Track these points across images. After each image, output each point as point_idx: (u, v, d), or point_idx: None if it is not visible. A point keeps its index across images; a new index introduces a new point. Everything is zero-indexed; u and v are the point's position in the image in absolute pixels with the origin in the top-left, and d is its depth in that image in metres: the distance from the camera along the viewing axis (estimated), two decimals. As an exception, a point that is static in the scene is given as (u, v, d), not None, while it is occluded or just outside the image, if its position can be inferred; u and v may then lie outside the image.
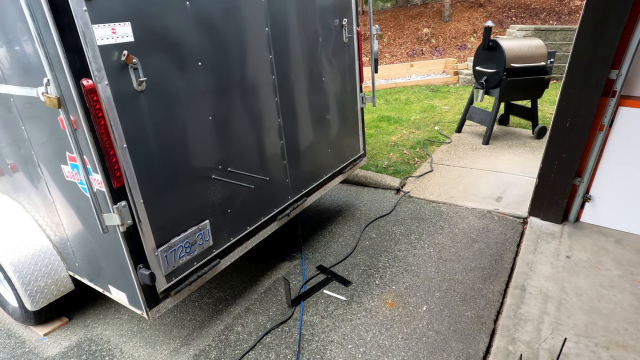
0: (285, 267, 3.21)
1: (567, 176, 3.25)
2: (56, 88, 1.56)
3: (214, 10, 2.11)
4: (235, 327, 2.64)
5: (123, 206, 1.81)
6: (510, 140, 5.43)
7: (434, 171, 4.67)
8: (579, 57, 2.89)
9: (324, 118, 3.17)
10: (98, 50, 1.62)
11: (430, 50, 11.22)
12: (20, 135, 2.11)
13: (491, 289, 2.79)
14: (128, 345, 2.58)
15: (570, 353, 2.21)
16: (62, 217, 2.28)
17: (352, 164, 3.61)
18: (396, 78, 9.85)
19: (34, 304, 2.51)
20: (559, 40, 8.56)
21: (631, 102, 2.92)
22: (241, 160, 2.45)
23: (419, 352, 2.35)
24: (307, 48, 2.85)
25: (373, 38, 3.34)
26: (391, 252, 3.28)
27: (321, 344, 2.46)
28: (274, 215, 2.83)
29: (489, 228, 3.49)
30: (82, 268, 2.42)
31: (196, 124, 2.13)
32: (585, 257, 2.98)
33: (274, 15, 2.50)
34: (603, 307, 2.52)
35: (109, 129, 1.71)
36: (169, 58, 1.92)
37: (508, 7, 11.83)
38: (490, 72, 5.11)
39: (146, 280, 1.96)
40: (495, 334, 2.40)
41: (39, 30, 1.48)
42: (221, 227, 2.40)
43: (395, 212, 3.88)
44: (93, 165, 1.74)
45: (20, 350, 2.60)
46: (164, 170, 2.00)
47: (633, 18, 2.67)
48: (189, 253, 2.22)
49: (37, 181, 2.25)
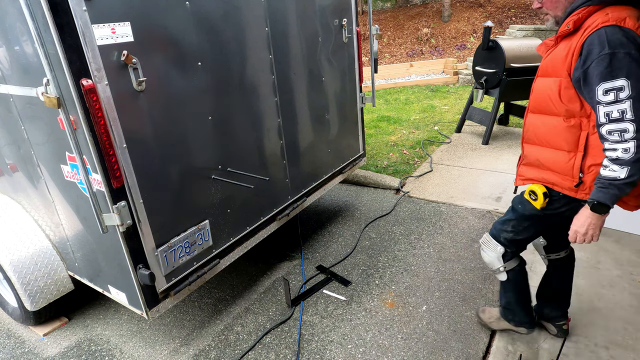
0: (285, 267, 3.21)
1: (567, 176, 3.24)
2: (56, 88, 1.56)
3: (213, 10, 2.10)
4: (234, 327, 2.64)
5: (123, 206, 1.81)
6: (510, 140, 5.43)
7: (433, 171, 4.67)
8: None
9: (324, 118, 3.17)
10: (98, 50, 1.62)
11: (430, 50, 11.22)
12: (19, 135, 2.11)
13: (491, 289, 2.79)
14: (128, 345, 2.57)
15: (569, 353, 2.22)
16: (61, 217, 2.28)
17: (351, 164, 3.61)
18: (396, 78, 9.85)
19: (33, 304, 2.50)
20: (558, 40, 8.56)
21: (631, 102, 2.92)
22: (241, 160, 2.45)
23: (418, 352, 2.35)
24: (306, 48, 2.85)
25: (373, 38, 3.34)
26: (391, 252, 3.28)
27: (321, 344, 2.46)
28: (274, 215, 2.83)
29: (489, 228, 3.49)
30: (82, 268, 2.42)
31: (196, 124, 2.13)
32: (584, 256, 2.98)
33: (273, 15, 2.50)
34: (602, 306, 2.52)
35: (109, 129, 1.71)
36: (169, 58, 1.92)
37: (508, 7, 11.84)
38: (490, 72, 5.11)
39: (146, 280, 1.95)
40: (495, 334, 2.40)
41: (38, 30, 1.48)
42: (221, 227, 2.40)
43: (395, 212, 3.88)
44: (93, 165, 1.74)
45: (19, 350, 2.60)
46: (163, 170, 2.00)
47: (632, 18, 2.67)
48: (188, 253, 2.22)
49: (37, 181, 2.25)
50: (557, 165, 1.72)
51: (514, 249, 2.03)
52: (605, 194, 1.50)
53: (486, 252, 2.08)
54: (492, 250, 2.05)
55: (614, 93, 1.40)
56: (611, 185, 1.48)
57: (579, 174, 1.66)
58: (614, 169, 1.46)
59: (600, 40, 1.41)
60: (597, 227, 1.60)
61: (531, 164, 1.85)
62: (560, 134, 1.67)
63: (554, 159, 1.72)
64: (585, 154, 1.63)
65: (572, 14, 1.53)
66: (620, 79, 1.39)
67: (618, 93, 1.40)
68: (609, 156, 1.47)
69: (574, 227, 1.65)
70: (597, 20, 1.44)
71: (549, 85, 1.63)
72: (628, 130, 1.40)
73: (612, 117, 1.43)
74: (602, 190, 1.50)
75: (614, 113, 1.42)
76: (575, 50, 1.49)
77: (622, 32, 1.40)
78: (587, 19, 1.49)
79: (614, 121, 1.43)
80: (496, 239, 2.03)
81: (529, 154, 1.85)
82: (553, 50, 1.62)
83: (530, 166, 1.87)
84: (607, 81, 1.41)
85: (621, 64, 1.39)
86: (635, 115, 1.39)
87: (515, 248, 2.03)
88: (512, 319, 2.26)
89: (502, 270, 2.07)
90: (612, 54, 1.39)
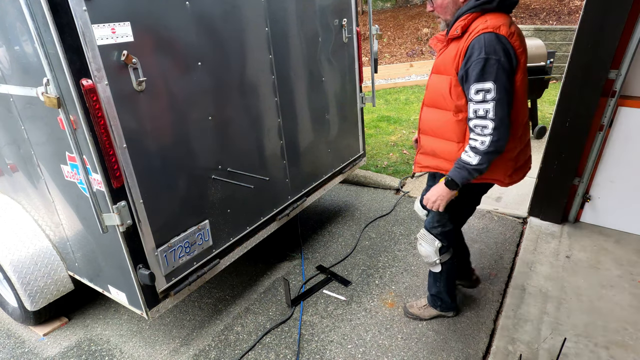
0: (285, 267, 3.21)
1: (567, 176, 3.25)
2: (56, 88, 1.56)
3: (213, 10, 2.10)
4: (234, 327, 2.64)
5: (123, 206, 1.81)
6: (510, 140, 5.43)
7: (433, 171, 4.66)
8: (579, 57, 2.89)
9: (324, 118, 3.16)
10: (98, 50, 1.62)
11: (430, 50, 11.22)
12: (19, 135, 2.11)
13: (491, 288, 2.79)
14: (128, 345, 2.57)
15: (569, 353, 2.22)
16: (61, 217, 2.28)
17: (351, 164, 3.61)
18: (396, 78, 9.85)
19: (33, 304, 2.51)
20: (558, 40, 8.56)
21: (631, 102, 2.92)
22: (241, 160, 2.45)
23: (418, 352, 2.35)
24: (306, 48, 2.85)
25: (373, 38, 3.34)
26: (391, 252, 3.28)
27: (321, 344, 2.46)
28: (274, 215, 2.83)
29: (489, 228, 3.49)
30: (82, 268, 2.42)
31: (196, 123, 2.13)
32: (584, 257, 2.98)
33: (273, 15, 2.50)
34: (602, 307, 2.52)
35: (109, 129, 1.71)
36: (169, 58, 1.92)
37: (508, 7, 11.82)
38: (489, 72, 5.10)
39: (146, 280, 1.96)
40: (495, 334, 2.41)
41: (38, 30, 1.48)
42: (221, 227, 2.40)
43: (395, 212, 3.88)
44: (93, 165, 1.74)
45: (19, 350, 2.60)
46: (163, 170, 2.00)
47: (633, 18, 2.67)
48: (188, 253, 2.22)
49: (37, 181, 2.25)
50: (450, 155, 1.91)
51: (447, 242, 2.20)
52: (458, 174, 1.78)
53: (423, 246, 2.22)
54: (429, 245, 2.20)
55: (482, 93, 1.64)
56: (464, 167, 1.75)
57: None
58: (469, 155, 1.73)
59: (479, 45, 1.63)
60: (444, 198, 1.88)
61: (427, 153, 2.04)
62: (450, 127, 1.87)
63: (446, 149, 1.92)
64: None
65: (460, 19, 1.73)
66: (489, 82, 1.62)
67: (485, 94, 1.63)
68: (470, 144, 1.74)
69: (427, 195, 1.94)
70: (479, 27, 1.66)
71: (442, 82, 1.82)
72: (488, 126, 1.66)
73: (478, 114, 1.67)
74: (457, 169, 1.78)
75: (480, 111, 1.66)
76: (462, 52, 1.69)
77: (497, 40, 1.62)
78: (471, 24, 1.70)
79: (479, 117, 1.67)
80: (431, 234, 2.19)
81: (425, 145, 2.04)
82: (445, 51, 1.81)
83: (426, 155, 2.06)
84: (479, 82, 1.64)
85: (492, 69, 1.61)
86: (495, 115, 1.64)
87: (448, 242, 2.21)
88: (440, 305, 2.49)
89: (438, 262, 2.24)
90: (486, 59, 1.61)
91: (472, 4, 1.71)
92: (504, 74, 1.63)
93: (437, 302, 2.49)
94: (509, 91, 1.66)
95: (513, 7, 1.76)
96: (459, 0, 1.76)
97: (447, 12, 1.81)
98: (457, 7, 1.77)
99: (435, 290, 2.44)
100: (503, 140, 1.70)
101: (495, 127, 1.65)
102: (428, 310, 2.54)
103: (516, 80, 1.71)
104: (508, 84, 1.65)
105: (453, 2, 1.77)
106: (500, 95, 1.63)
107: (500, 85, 1.63)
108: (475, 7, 1.70)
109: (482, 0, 1.68)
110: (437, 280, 2.38)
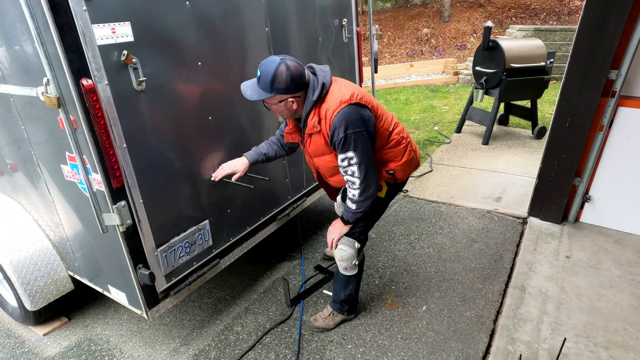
0: (285, 267, 3.21)
1: (567, 176, 3.25)
2: (56, 88, 1.56)
3: (213, 10, 2.10)
4: (234, 327, 2.64)
5: (123, 206, 1.81)
6: (510, 140, 5.43)
7: (433, 171, 4.67)
8: (579, 57, 2.89)
9: (324, 118, 3.16)
10: (98, 50, 1.62)
11: (430, 50, 11.22)
12: (19, 135, 2.11)
13: (491, 289, 2.79)
14: (128, 345, 2.57)
15: (569, 353, 2.22)
16: (61, 217, 2.28)
17: (351, 164, 3.60)
18: (396, 78, 9.85)
19: (33, 303, 2.50)
20: (558, 41, 8.57)
21: (631, 103, 2.93)
22: (241, 160, 2.45)
23: (418, 352, 2.35)
24: (307, 48, 2.85)
25: (373, 38, 3.34)
26: (390, 252, 3.28)
27: (321, 344, 2.46)
28: (274, 215, 2.83)
29: (489, 228, 3.49)
30: (82, 268, 2.42)
31: (196, 123, 2.13)
32: (584, 257, 2.98)
33: (273, 15, 2.50)
34: (602, 307, 2.52)
35: (109, 128, 1.71)
36: (169, 58, 1.92)
37: (508, 7, 11.84)
38: (490, 72, 5.11)
39: (146, 280, 1.96)
40: (495, 334, 2.41)
41: (38, 30, 1.48)
42: (221, 227, 2.40)
43: (395, 212, 3.88)
44: (93, 165, 1.74)
45: (19, 350, 2.60)
46: (163, 170, 2.00)
47: (632, 18, 2.68)
48: (188, 253, 2.22)
49: (37, 181, 2.25)
50: None
51: (363, 243, 2.31)
52: (347, 214, 2.13)
53: (345, 250, 2.25)
54: (350, 247, 2.25)
55: (347, 160, 1.94)
56: (349, 210, 2.11)
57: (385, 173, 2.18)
58: (350, 203, 2.08)
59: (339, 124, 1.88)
60: (341, 233, 2.21)
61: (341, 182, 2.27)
62: None
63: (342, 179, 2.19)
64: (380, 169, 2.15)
65: (310, 115, 1.96)
66: (350, 151, 1.91)
67: (350, 160, 1.94)
68: (348, 195, 2.08)
69: (330, 231, 2.24)
70: (329, 109, 1.90)
71: (328, 160, 2.09)
72: (355, 183, 1.99)
73: (347, 174, 1.99)
74: (347, 211, 2.12)
75: (348, 172, 1.98)
76: (327, 135, 1.95)
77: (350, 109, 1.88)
78: (319, 113, 1.94)
79: (349, 175, 1.99)
80: (351, 236, 2.24)
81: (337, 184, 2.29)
82: (311, 141, 2.05)
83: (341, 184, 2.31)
84: (342, 153, 1.94)
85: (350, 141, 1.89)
86: (359, 175, 1.95)
87: (363, 243, 2.31)
88: (347, 309, 2.55)
89: (356, 264, 2.32)
90: (345, 137, 1.88)
91: (313, 101, 1.92)
92: (362, 141, 1.90)
93: (344, 307, 2.52)
94: (368, 150, 1.94)
95: None
96: (292, 107, 1.96)
97: (283, 115, 2.03)
98: (291, 112, 1.99)
99: (345, 295, 2.46)
100: (372, 187, 2.01)
101: (360, 182, 1.97)
102: (333, 318, 2.55)
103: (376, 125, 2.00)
104: (368, 143, 1.93)
105: (288, 110, 1.97)
106: (361, 158, 1.92)
107: (360, 150, 1.91)
108: (316, 102, 1.93)
109: (317, 95, 1.91)
110: (350, 283, 2.42)
